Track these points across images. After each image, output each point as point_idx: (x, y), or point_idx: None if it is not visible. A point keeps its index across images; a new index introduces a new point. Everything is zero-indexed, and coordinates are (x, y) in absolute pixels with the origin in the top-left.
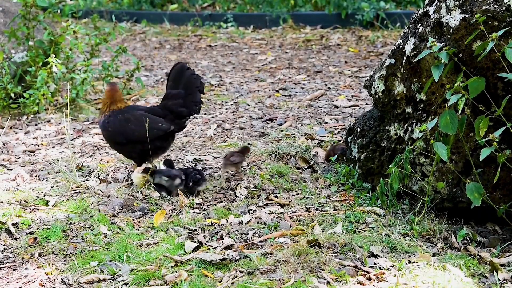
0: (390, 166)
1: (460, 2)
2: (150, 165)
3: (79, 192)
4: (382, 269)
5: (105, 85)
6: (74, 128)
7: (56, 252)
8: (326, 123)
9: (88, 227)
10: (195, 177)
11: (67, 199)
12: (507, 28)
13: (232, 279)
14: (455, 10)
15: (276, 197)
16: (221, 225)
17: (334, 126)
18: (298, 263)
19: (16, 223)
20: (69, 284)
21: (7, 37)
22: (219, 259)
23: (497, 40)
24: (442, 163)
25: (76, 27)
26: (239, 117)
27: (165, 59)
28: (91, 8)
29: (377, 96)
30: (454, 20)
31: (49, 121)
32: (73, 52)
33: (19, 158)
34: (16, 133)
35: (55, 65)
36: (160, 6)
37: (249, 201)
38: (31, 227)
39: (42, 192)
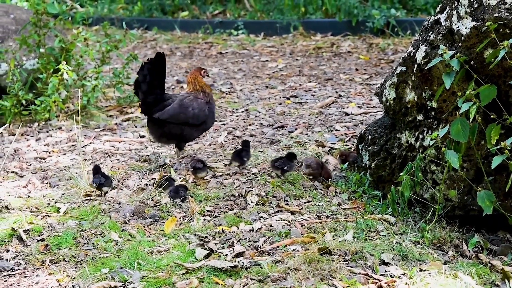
0: (401, 173)
1: (472, 9)
2: None
3: (90, 199)
4: (393, 277)
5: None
6: (85, 135)
7: (67, 259)
8: (337, 130)
9: (99, 234)
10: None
11: (78, 206)
12: None
13: (243, 286)
14: (467, 18)
15: (287, 204)
16: (232, 232)
17: (345, 134)
18: (309, 271)
19: (28, 230)
20: None
21: (19, 44)
22: (230, 267)
23: (509, 48)
24: (454, 171)
25: (87, 34)
26: (250, 124)
27: (176, 66)
28: (102, 15)
29: (388, 103)
30: (466, 28)
31: (60, 128)
32: (84, 59)
33: (30, 165)
34: (27, 140)
35: (66, 72)
36: (171, 13)
37: (260, 208)
38: (42, 234)
39: (53, 199)
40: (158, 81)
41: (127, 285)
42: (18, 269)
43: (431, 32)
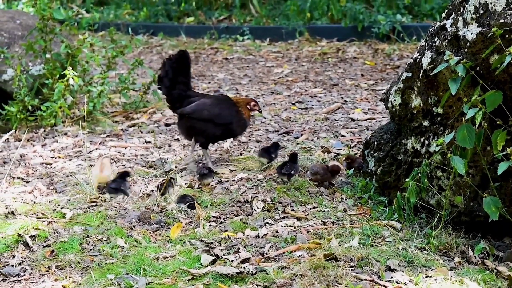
0: (407, 179)
1: (477, 15)
2: None
3: (96, 205)
4: (399, 283)
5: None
6: (91, 141)
7: (73, 265)
8: (342, 136)
9: (105, 240)
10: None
11: (84, 212)
12: None
13: None
14: (472, 24)
15: (292, 210)
16: (238, 238)
17: (351, 139)
18: (314, 277)
19: (33, 235)
20: None
21: (25, 50)
22: (236, 273)
23: None
24: (459, 177)
25: (93, 40)
26: (256, 130)
27: None
28: (108, 21)
29: (393, 109)
30: (471, 34)
31: (66, 134)
32: (90, 65)
33: (36, 171)
34: (33, 146)
35: (72, 78)
36: (176, 19)
37: (266, 214)
38: (48, 240)
39: (59, 205)
40: (182, 78)
41: None
42: (24, 275)
43: (436, 38)
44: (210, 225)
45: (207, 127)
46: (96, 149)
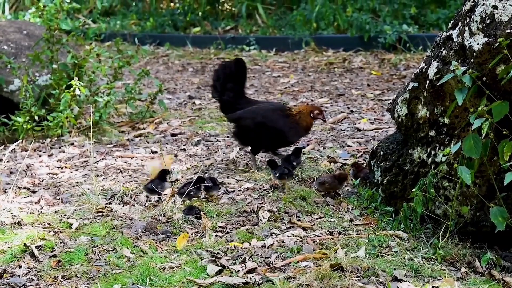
0: (413, 189)
1: (484, 25)
2: None
3: (102, 215)
4: None
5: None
6: (97, 151)
7: (79, 275)
8: (348, 146)
9: (111, 250)
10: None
11: (90, 222)
12: None
13: None
14: (479, 34)
15: (299, 220)
16: (244, 248)
17: (357, 150)
18: (321, 287)
19: (40, 246)
20: None
21: (31, 60)
22: (242, 283)
23: None
24: (466, 187)
25: (99, 50)
26: None
27: (188, 82)
28: (115, 31)
29: (400, 119)
30: (478, 44)
31: (72, 144)
32: (96, 75)
33: (42, 181)
34: (39, 156)
35: (78, 88)
36: (183, 29)
37: (272, 224)
38: (55, 250)
39: (65, 215)
40: (234, 84)
41: None
42: (31, 285)
43: (443, 48)
44: (216, 235)
45: (255, 134)
46: (102, 159)
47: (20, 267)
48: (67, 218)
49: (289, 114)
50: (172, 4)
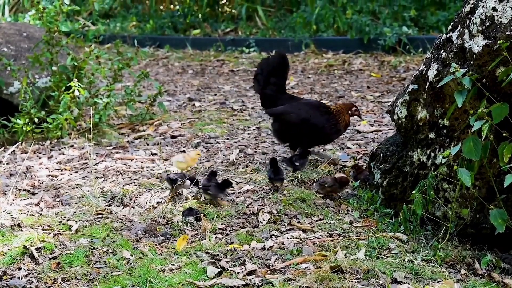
0: (413, 192)
1: (483, 28)
2: None
3: (102, 217)
4: None
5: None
6: (97, 153)
7: (79, 277)
8: (348, 148)
9: (111, 252)
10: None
11: (90, 224)
12: None
13: None
14: (478, 36)
15: (298, 222)
16: (244, 250)
17: (357, 152)
18: None
19: (39, 248)
20: None
21: (31, 62)
22: (242, 285)
23: None
24: (466, 189)
25: (99, 52)
26: (262, 142)
27: (188, 84)
28: (114, 33)
29: (399, 121)
30: (477, 46)
31: (72, 146)
32: (96, 77)
33: (42, 183)
34: (39, 158)
35: (78, 90)
36: (182, 31)
37: (272, 226)
38: (54, 252)
39: (65, 217)
40: (276, 79)
41: None
42: (30, 287)
43: (442, 50)
44: (216, 237)
45: (297, 130)
46: (102, 161)
47: (19, 269)
48: (67, 220)
49: (330, 112)
50: (172, 6)
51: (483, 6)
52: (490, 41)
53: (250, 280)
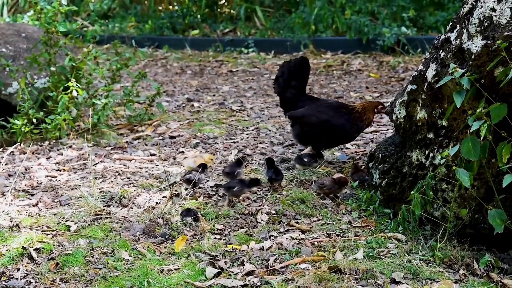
0: (412, 192)
1: (482, 28)
2: None
3: (101, 218)
4: None
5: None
6: (95, 154)
7: (78, 278)
8: (347, 148)
9: (109, 253)
10: None
11: (89, 225)
12: None
13: None
14: (477, 36)
15: (297, 222)
16: (242, 251)
17: (355, 152)
18: None
19: (38, 248)
20: None
21: (29, 63)
22: (240, 285)
23: None
24: (464, 189)
25: (97, 53)
26: (260, 143)
27: (186, 85)
28: (113, 33)
29: (398, 122)
30: (476, 46)
31: (71, 147)
32: (95, 78)
33: (41, 184)
34: (38, 158)
35: (76, 90)
36: (181, 31)
37: (270, 226)
38: (53, 253)
39: (63, 218)
40: (297, 82)
41: None
42: (29, 287)
43: (441, 51)
44: (214, 238)
45: (317, 132)
46: (100, 161)
47: (18, 269)
48: (66, 221)
49: (352, 111)
50: (170, 6)
51: (481, 7)
52: (489, 42)
53: (248, 280)
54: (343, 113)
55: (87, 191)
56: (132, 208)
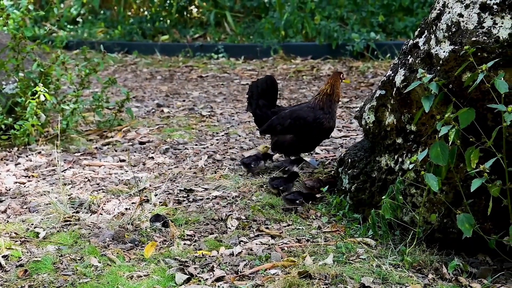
0: (382, 197)
1: (450, 33)
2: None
3: (70, 224)
4: None
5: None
6: (64, 160)
7: (47, 285)
8: (317, 153)
9: (78, 259)
10: None
11: (58, 231)
12: (496, 60)
13: None
14: (445, 42)
15: (267, 228)
16: (212, 256)
17: (325, 157)
18: None
19: (6, 255)
20: None
21: None
22: None
23: (487, 72)
24: (433, 194)
25: (65, 58)
26: (230, 148)
27: (156, 90)
28: (83, 39)
29: (367, 127)
30: (444, 52)
31: (39, 153)
32: (64, 84)
33: (9, 190)
34: (6, 165)
35: (43, 94)
36: (151, 37)
37: (240, 232)
38: (21, 260)
39: (32, 224)
40: (265, 101)
41: None
42: None
43: (409, 56)
44: (184, 244)
45: (285, 141)
46: (69, 168)
47: None
48: (34, 227)
49: (315, 101)
50: (140, 11)
51: (449, 12)
52: (456, 47)
53: (218, 286)
54: (309, 107)
55: (56, 198)
56: (102, 214)
